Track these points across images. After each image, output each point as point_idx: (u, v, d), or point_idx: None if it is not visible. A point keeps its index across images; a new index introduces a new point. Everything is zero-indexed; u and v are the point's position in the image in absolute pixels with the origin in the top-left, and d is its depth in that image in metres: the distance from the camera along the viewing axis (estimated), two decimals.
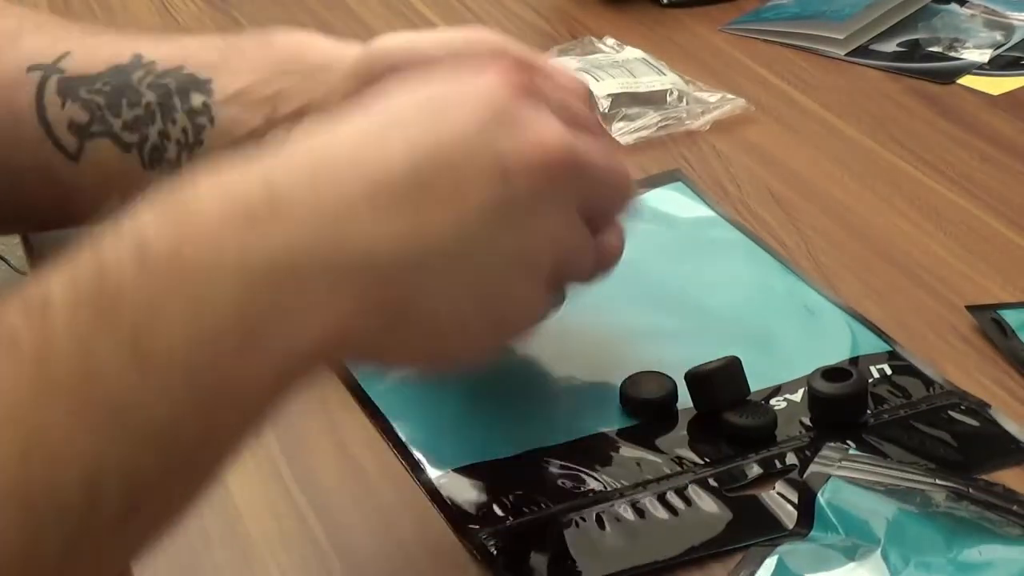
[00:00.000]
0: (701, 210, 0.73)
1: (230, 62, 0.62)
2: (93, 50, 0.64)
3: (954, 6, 0.97)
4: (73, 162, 0.62)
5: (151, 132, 0.61)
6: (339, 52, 0.61)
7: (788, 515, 0.52)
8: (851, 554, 0.49)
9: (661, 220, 0.72)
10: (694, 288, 0.66)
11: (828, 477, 0.52)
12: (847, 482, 0.52)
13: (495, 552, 0.51)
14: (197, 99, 0.61)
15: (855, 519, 0.50)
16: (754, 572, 0.48)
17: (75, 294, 0.39)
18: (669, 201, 0.73)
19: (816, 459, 0.53)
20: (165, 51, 0.63)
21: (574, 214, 0.49)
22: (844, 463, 0.53)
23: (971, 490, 0.51)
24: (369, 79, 0.58)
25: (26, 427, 0.37)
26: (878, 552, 0.49)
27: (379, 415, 0.58)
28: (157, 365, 0.39)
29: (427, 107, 0.46)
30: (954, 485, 0.51)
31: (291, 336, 0.41)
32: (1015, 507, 0.50)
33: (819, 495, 0.51)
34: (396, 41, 0.59)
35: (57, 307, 0.39)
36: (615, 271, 0.55)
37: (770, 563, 0.49)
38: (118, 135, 0.62)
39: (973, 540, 0.49)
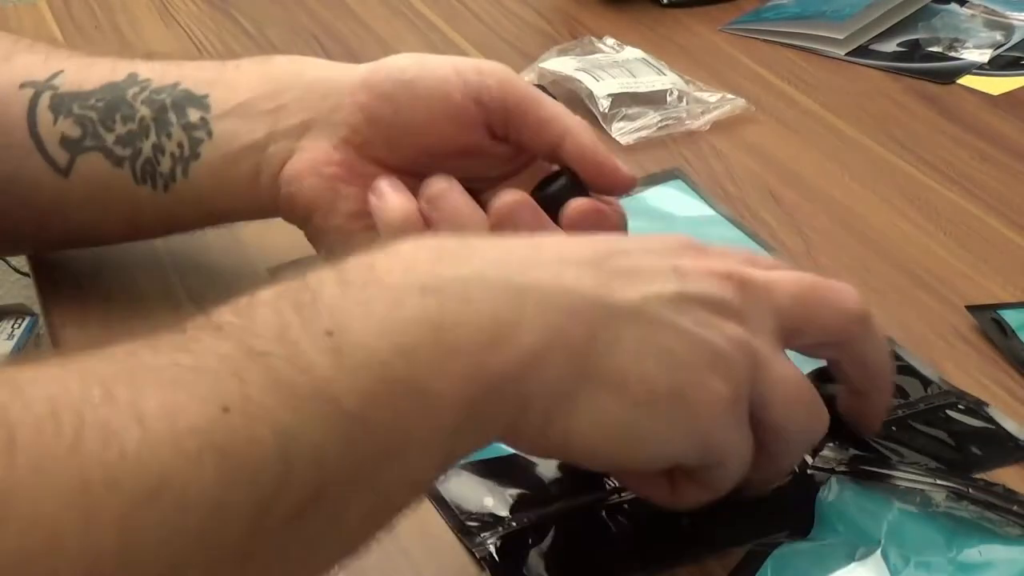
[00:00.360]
0: (700, 208, 0.73)
1: (227, 79, 0.62)
2: (86, 68, 0.63)
3: (954, 6, 0.97)
4: (63, 176, 0.62)
5: (144, 146, 0.61)
6: (339, 70, 0.61)
7: (787, 515, 0.52)
8: (851, 554, 0.49)
9: (660, 218, 0.72)
10: None
11: (828, 477, 0.52)
12: (847, 482, 0.52)
13: (494, 551, 0.51)
14: (194, 114, 0.61)
15: (855, 519, 0.50)
16: (754, 572, 0.48)
17: (277, 294, 0.42)
18: (668, 199, 0.73)
19: (816, 459, 0.53)
20: (160, 70, 0.62)
21: (769, 335, 0.48)
22: (844, 463, 0.53)
23: (971, 490, 0.51)
24: (380, 92, 0.59)
25: (226, 386, 0.39)
26: (878, 552, 0.49)
27: None
28: (351, 359, 0.40)
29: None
30: (954, 485, 0.51)
31: (478, 350, 0.42)
32: (1015, 507, 0.50)
33: (819, 495, 0.51)
34: (407, 58, 0.60)
35: (260, 303, 0.41)
36: None
37: (770, 563, 0.49)
38: (110, 149, 0.61)
39: (973, 540, 0.49)
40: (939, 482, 0.51)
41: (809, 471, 0.53)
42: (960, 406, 0.58)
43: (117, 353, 0.39)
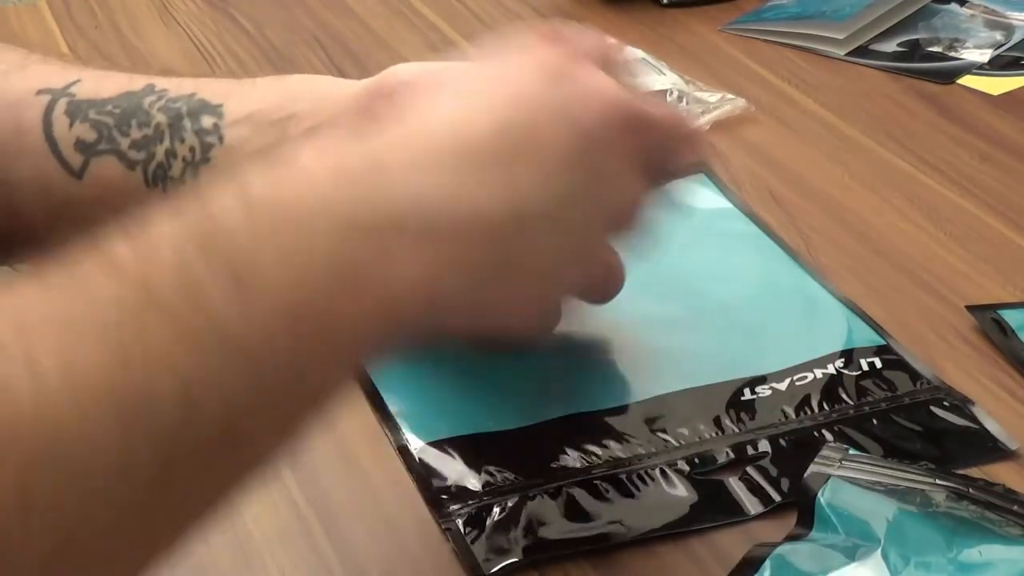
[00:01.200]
0: (719, 201, 0.73)
1: (242, 90, 0.63)
2: (103, 79, 0.64)
3: (954, 6, 0.97)
4: (76, 179, 0.63)
5: (158, 150, 0.62)
6: (350, 83, 0.63)
7: (751, 501, 0.53)
8: (851, 554, 0.49)
9: (678, 210, 0.72)
10: (698, 277, 0.67)
11: (828, 477, 0.52)
12: (847, 482, 0.52)
13: (460, 525, 0.52)
14: (207, 120, 0.62)
15: (855, 519, 0.50)
16: (754, 572, 0.48)
17: (178, 228, 0.41)
18: (689, 192, 0.74)
19: (816, 459, 0.53)
20: (177, 82, 0.64)
21: (638, 166, 0.51)
22: (844, 463, 0.53)
23: (971, 490, 0.51)
24: (381, 92, 0.60)
25: (125, 336, 0.38)
26: (878, 552, 0.49)
27: (384, 407, 0.59)
28: (256, 297, 0.40)
29: (495, 79, 0.50)
30: (954, 485, 0.51)
31: (389, 283, 0.42)
32: (1015, 507, 0.50)
33: (819, 495, 0.51)
34: (413, 64, 0.62)
35: (161, 239, 0.40)
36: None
37: (770, 563, 0.49)
38: (124, 153, 0.62)
39: (973, 540, 0.49)
40: (939, 482, 0.51)
41: (809, 471, 0.53)
42: (945, 403, 0.58)
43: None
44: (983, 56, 0.90)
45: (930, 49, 0.92)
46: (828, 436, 0.56)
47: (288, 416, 0.42)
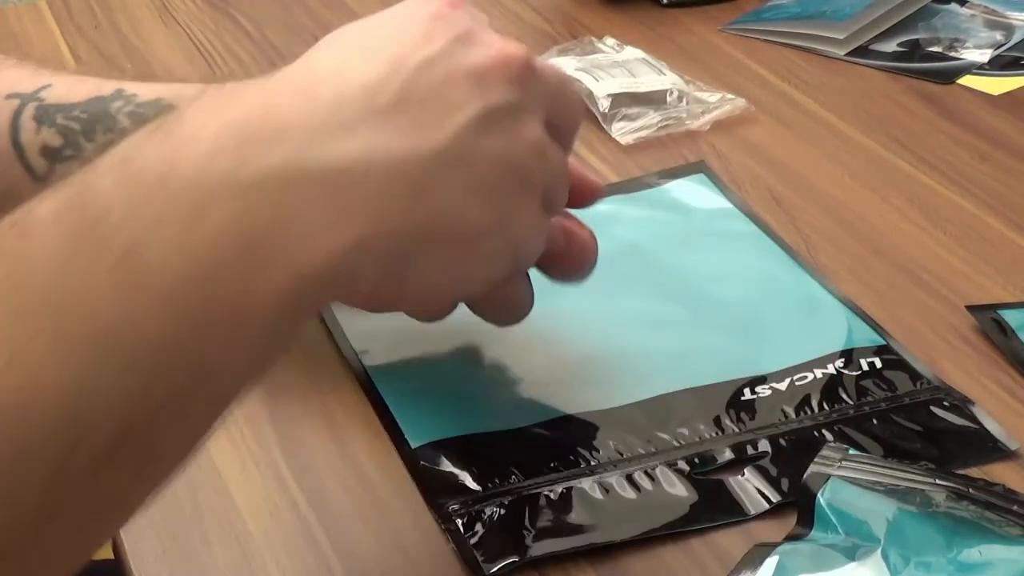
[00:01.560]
0: (719, 202, 0.73)
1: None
2: (74, 84, 0.63)
3: (954, 6, 0.97)
4: (41, 184, 0.62)
5: None
6: None
7: (753, 501, 0.53)
8: (851, 554, 0.49)
9: (678, 210, 0.72)
10: (698, 277, 0.67)
11: (828, 477, 0.52)
12: (847, 482, 0.52)
13: (460, 525, 0.52)
14: None
15: (855, 519, 0.50)
16: (754, 572, 0.48)
17: (56, 217, 0.38)
18: (689, 192, 0.74)
19: (816, 459, 0.53)
20: (147, 88, 0.63)
21: (543, 124, 0.48)
22: (844, 463, 0.53)
23: (971, 490, 0.51)
24: None
25: (8, 338, 0.35)
26: (878, 552, 0.49)
27: (384, 408, 0.59)
28: (145, 286, 0.37)
29: (391, 33, 0.46)
30: (954, 485, 0.51)
31: (296, 255, 0.39)
32: (1015, 507, 0.50)
33: (819, 495, 0.51)
34: None
35: (36, 231, 0.37)
36: (622, 257, 0.56)
37: (770, 563, 0.49)
38: (89, 159, 0.62)
39: (973, 540, 0.49)
40: (939, 482, 0.51)
41: (809, 471, 0.53)
42: (945, 403, 0.58)
43: None
44: (983, 56, 0.90)
45: (930, 49, 0.92)
46: (828, 436, 0.56)
47: (196, 417, 0.39)
